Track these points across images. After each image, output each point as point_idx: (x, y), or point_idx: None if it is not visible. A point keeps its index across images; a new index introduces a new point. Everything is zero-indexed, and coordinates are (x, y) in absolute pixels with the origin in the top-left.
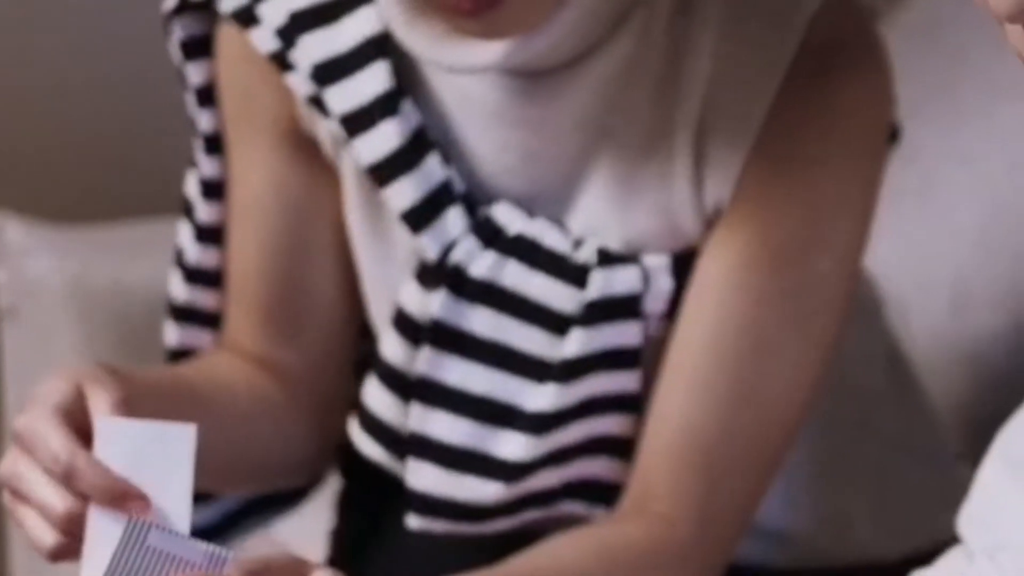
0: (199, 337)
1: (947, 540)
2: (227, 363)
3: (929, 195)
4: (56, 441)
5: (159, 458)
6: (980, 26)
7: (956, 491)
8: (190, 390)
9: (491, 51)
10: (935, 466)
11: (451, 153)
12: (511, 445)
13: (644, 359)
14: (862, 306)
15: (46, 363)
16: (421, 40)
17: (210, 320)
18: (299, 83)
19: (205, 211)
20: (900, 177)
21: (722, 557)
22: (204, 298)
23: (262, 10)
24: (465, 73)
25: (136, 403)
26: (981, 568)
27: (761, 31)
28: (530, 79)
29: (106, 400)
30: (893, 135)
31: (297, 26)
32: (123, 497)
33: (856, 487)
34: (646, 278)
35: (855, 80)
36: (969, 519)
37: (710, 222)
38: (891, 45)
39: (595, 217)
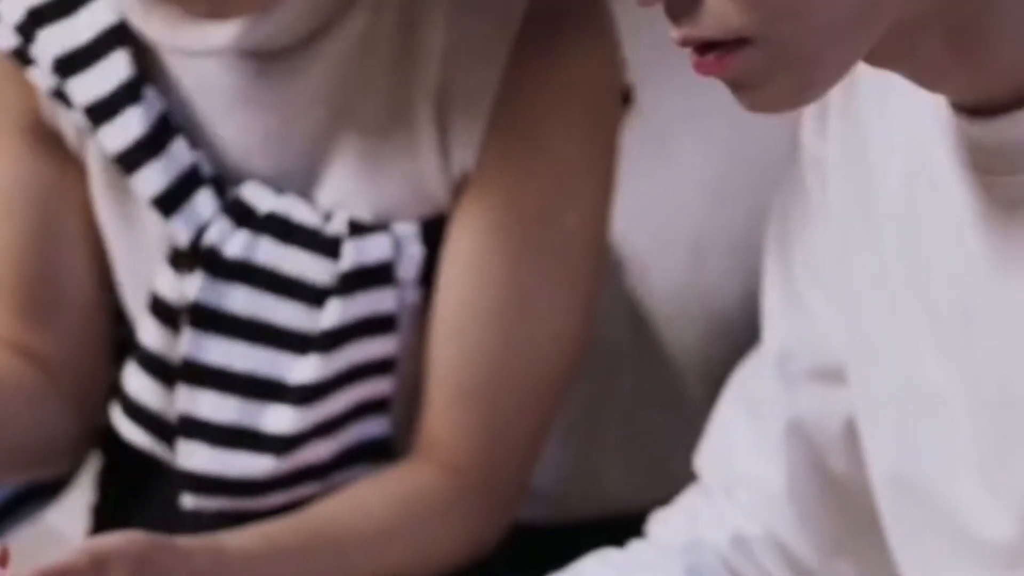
0: None
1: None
2: None
3: (664, 154)
4: None
5: None
6: None
7: (698, 439)
8: None
9: (224, 33)
10: (678, 416)
11: (197, 137)
12: (279, 419)
13: (401, 324)
14: None
15: None
16: (157, 26)
17: None
18: (41, 77)
19: None
20: (635, 137)
21: (510, 502)
22: None
23: None
24: (202, 56)
25: None
26: (716, 502)
27: None
28: (265, 60)
29: None
30: (627, 97)
31: (35, 21)
32: None
33: (604, 442)
34: (397, 245)
35: (580, 42)
36: (706, 456)
37: (458, 188)
38: (623, 9)
39: (343, 190)
